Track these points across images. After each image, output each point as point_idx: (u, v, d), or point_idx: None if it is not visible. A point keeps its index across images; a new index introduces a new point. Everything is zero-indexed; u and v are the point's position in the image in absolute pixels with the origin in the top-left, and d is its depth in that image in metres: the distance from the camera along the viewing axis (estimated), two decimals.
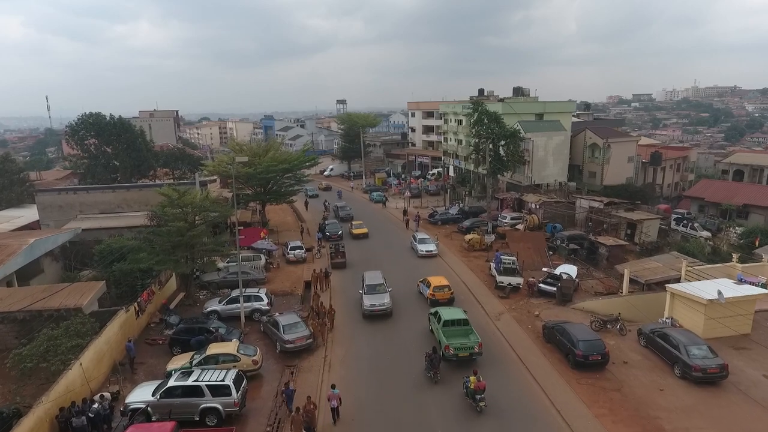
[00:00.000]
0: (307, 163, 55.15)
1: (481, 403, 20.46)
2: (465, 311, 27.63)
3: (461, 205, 58.89)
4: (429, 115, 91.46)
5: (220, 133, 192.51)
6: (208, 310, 30.60)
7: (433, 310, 28.33)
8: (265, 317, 29.50)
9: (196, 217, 32.16)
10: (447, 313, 26.76)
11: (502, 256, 36.09)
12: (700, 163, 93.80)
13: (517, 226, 51.20)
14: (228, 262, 38.59)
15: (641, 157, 69.86)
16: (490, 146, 55.34)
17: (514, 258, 36.26)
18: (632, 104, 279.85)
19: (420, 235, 45.06)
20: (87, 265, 35.93)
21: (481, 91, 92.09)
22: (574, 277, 34.43)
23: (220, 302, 31.04)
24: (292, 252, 42.57)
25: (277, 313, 29.40)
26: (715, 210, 60.92)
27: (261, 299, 31.09)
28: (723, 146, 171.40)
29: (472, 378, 20.97)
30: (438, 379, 23.12)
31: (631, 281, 34.90)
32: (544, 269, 34.90)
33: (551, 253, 42.26)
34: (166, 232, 30.22)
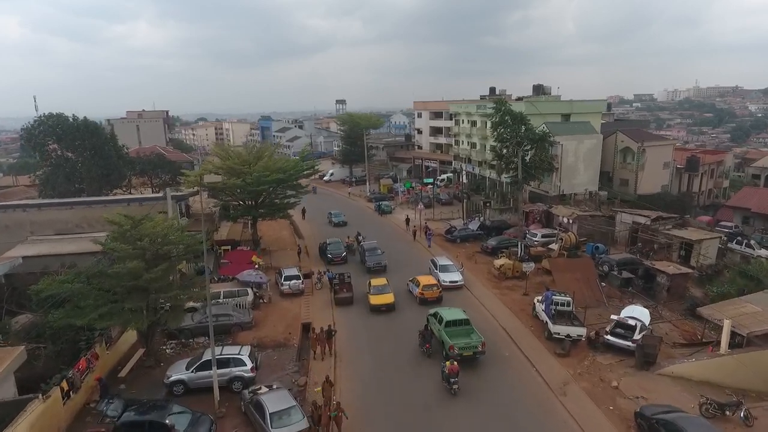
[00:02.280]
0: (305, 171, 46.70)
1: (455, 386, 21.51)
2: (464, 311, 27.32)
3: (481, 218, 50.57)
4: (437, 115, 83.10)
5: (216, 134, 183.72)
6: (170, 380, 22.18)
7: (432, 311, 27.74)
8: (248, 391, 21.14)
9: (169, 248, 23.72)
10: (448, 314, 26.42)
11: (553, 296, 27.81)
12: None
13: (550, 246, 42.92)
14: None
15: (676, 162, 61.74)
16: (517, 151, 47.19)
17: (570, 298, 27.98)
18: (634, 104, 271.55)
19: (441, 260, 36.69)
20: (26, 306, 27.56)
21: (492, 90, 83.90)
22: (647, 323, 26.26)
23: (188, 368, 22.62)
24: (287, 283, 34.21)
25: (263, 387, 21.07)
26: (764, 222, 52.97)
27: (242, 363, 22.72)
28: (729, 147, 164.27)
29: (447, 363, 21.88)
30: (431, 353, 24.98)
31: (707, 321, 27.10)
32: (613, 317, 26.58)
33: (603, 284, 34.00)
34: (114, 274, 21.82)
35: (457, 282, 34.36)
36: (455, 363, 21.87)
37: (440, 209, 58.62)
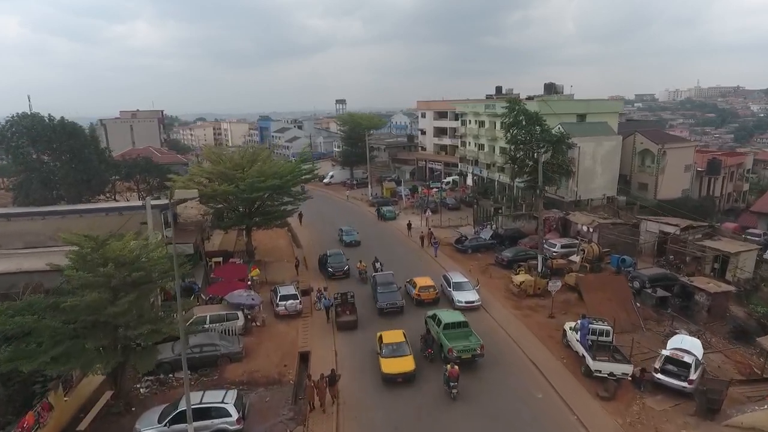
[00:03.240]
0: (304, 176, 42.58)
1: (454, 390, 20.83)
2: (462, 313, 27.08)
3: (494, 226, 46.53)
4: (442, 116, 79.09)
5: (214, 134, 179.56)
6: None
7: (431, 313, 27.17)
8: None
9: (140, 274, 19.60)
10: (446, 316, 25.75)
11: (590, 324, 23.84)
12: None
13: (570, 258, 38.96)
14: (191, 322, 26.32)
15: (696, 164, 57.84)
16: (535, 153, 43.30)
17: (610, 327, 23.99)
18: (635, 104, 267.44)
19: (455, 277, 32.64)
20: None
21: (498, 89, 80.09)
22: (700, 357, 22.30)
23: (161, 420, 18.61)
24: (283, 303, 30.20)
25: None
26: None
27: (226, 413, 18.73)
28: (733, 148, 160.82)
29: (447, 366, 21.28)
30: (433, 358, 23.97)
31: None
32: (664, 352, 22.52)
33: (637, 305, 30.03)
34: (71, 308, 17.81)
35: (473, 303, 30.34)
36: (455, 367, 21.14)
37: (447, 215, 54.55)
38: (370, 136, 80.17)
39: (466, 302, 30.19)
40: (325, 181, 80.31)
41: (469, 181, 66.01)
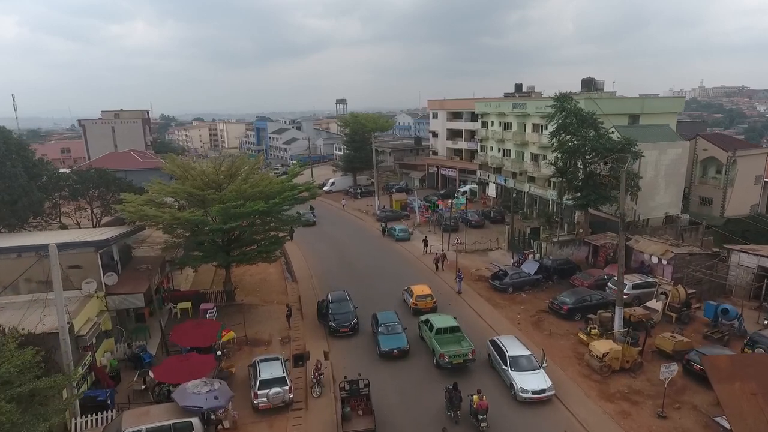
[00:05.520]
0: (302, 192, 31.93)
1: (483, 424, 18.06)
2: (455, 317, 25.44)
3: (536, 256, 36.36)
4: (456, 116, 68.83)
5: (210, 135, 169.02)
6: None
7: (423, 318, 25.92)
8: None
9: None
10: (439, 321, 24.61)
11: None
12: None
13: (647, 304, 28.90)
14: None
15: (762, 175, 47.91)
16: (585, 164, 33.30)
17: None
18: None
19: (512, 347, 22.17)
20: None
21: (518, 87, 69.96)
22: None
23: None
24: (264, 392, 20.01)
25: None
26: None
27: None
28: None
29: (474, 397, 18.67)
30: (459, 419, 18.85)
31: None
32: None
33: None
34: None
35: (544, 393, 20.10)
36: (484, 398, 18.41)
37: (472, 235, 44.04)
38: (377, 139, 70.10)
39: (534, 392, 19.94)
40: (325, 188, 69.84)
41: (491, 191, 55.86)
